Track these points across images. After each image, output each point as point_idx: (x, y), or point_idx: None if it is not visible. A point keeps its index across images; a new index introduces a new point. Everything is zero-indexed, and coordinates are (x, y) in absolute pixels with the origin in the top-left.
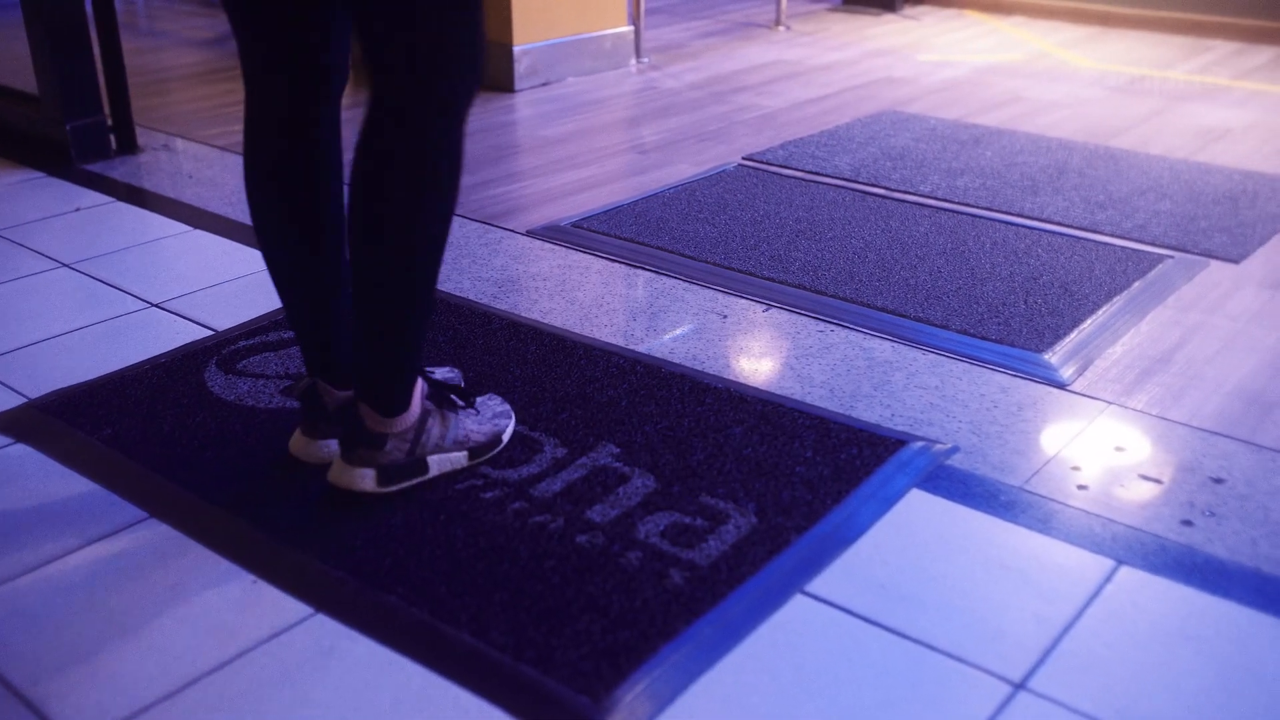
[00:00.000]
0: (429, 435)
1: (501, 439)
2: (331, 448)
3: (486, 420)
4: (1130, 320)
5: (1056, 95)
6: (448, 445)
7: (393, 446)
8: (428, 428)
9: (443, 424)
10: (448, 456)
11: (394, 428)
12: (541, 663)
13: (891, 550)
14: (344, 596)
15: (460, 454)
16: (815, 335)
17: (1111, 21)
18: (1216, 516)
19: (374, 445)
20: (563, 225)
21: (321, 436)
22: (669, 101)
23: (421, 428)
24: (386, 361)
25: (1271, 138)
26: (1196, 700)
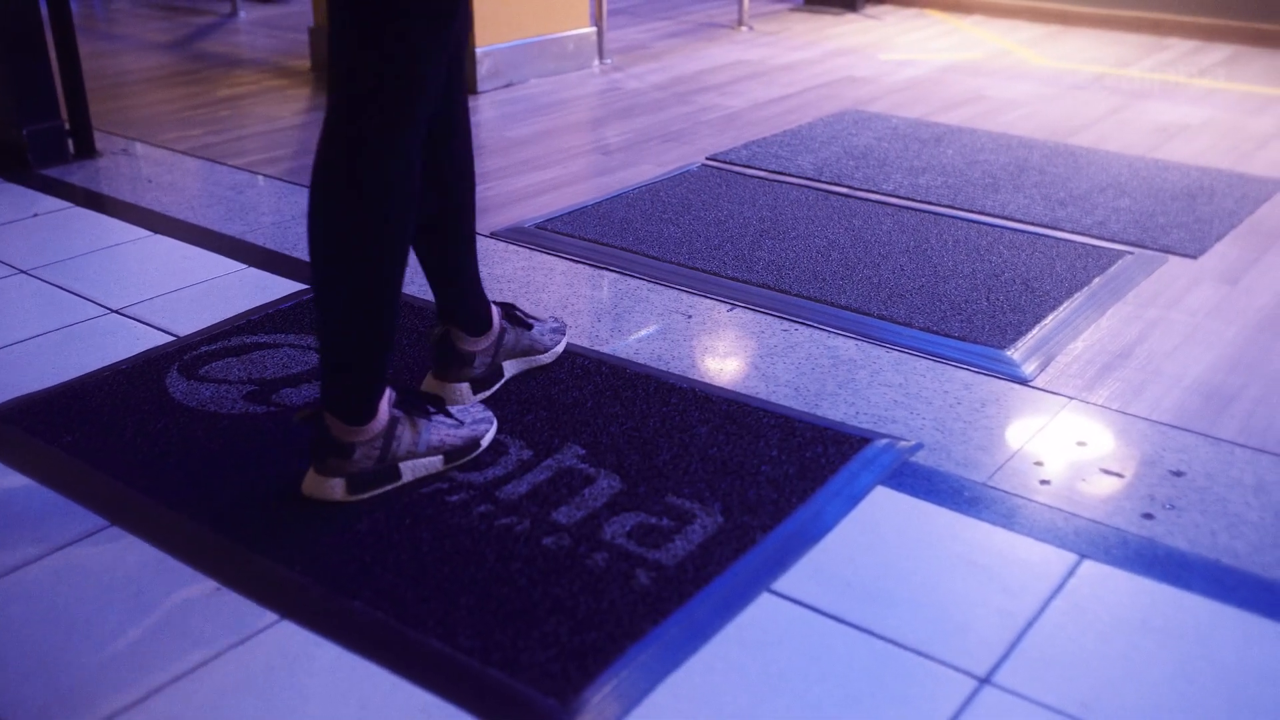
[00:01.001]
0: (399, 442)
1: (480, 443)
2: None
3: (465, 425)
4: (1091, 316)
5: (1016, 93)
6: (421, 450)
7: (361, 455)
8: (397, 434)
9: (413, 429)
10: (421, 462)
11: (361, 436)
12: (509, 665)
13: (857, 548)
14: (309, 602)
15: (435, 459)
16: (779, 334)
17: (1070, 20)
18: (1177, 509)
19: (342, 454)
20: (526, 227)
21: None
22: (632, 102)
23: (390, 434)
24: (344, 372)
25: (1228, 134)
26: (1159, 691)
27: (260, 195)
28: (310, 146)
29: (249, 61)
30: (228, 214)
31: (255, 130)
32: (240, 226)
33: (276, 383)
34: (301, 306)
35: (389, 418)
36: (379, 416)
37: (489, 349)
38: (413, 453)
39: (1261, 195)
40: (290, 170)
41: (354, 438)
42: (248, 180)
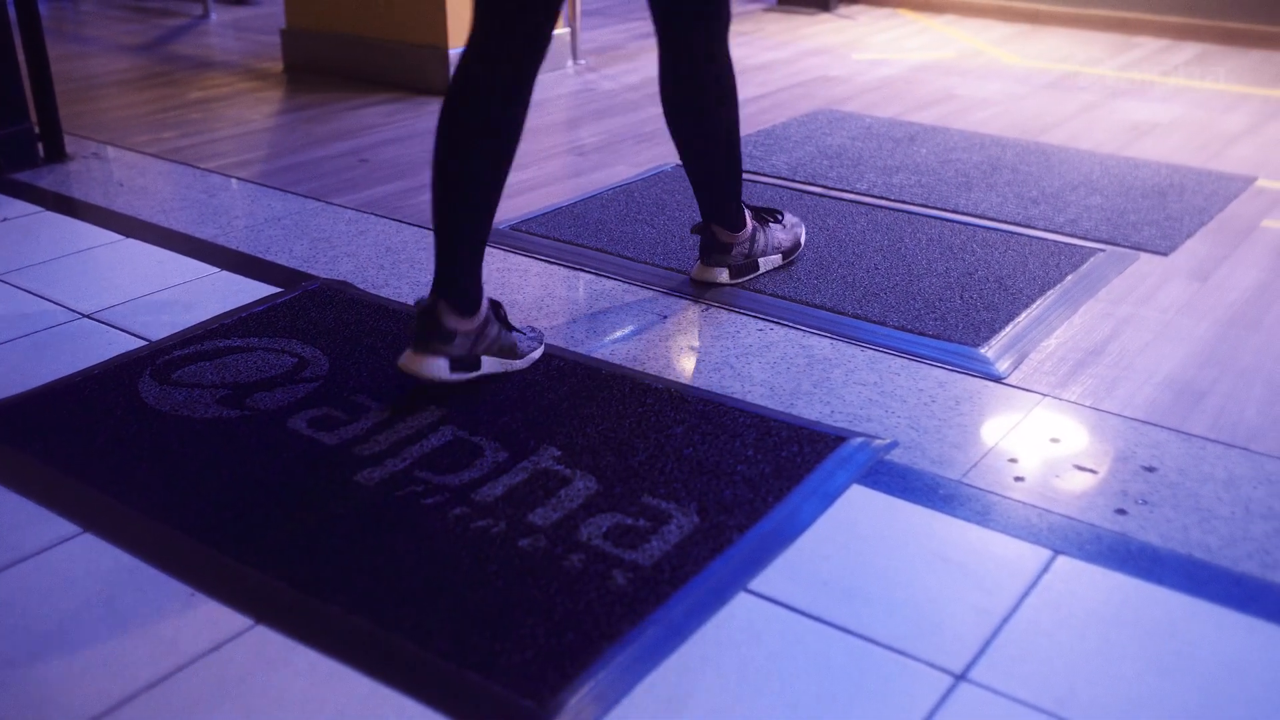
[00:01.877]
0: (487, 339)
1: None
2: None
3: (527, 337)
4: (1064, 313)
5: (988, 92)
6: (769, 250)
7: (460, 342)
8: (487, 332)
9: (765, 237)
10: (496, 359)
11: (464, 326)
12: (486, 668)
13: (833, 546)
14: (284, 607)
15: (778, 257)
16: (754, 334)
17: (1040, 19)
18: (1149, 504)
19: (446, 340)
20: (501, 228)
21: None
22: (606, 103)
23: (483, 331)
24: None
25: (1198, 132)
26: (1132, 685)
27: (233, 198)
28: (282, 150)
29: (220, 64)
30: (200, 217)
31: (227, 133)
32: (213, 230)
33: (250, 386)
34: (275, 310)
35: (484, 317)
36: (479, 313)
37: (471, 333)
38: (765, 251)
39: (1231, 192)
40: (263, 173)
41: (459, 327)
42: (220, 183)
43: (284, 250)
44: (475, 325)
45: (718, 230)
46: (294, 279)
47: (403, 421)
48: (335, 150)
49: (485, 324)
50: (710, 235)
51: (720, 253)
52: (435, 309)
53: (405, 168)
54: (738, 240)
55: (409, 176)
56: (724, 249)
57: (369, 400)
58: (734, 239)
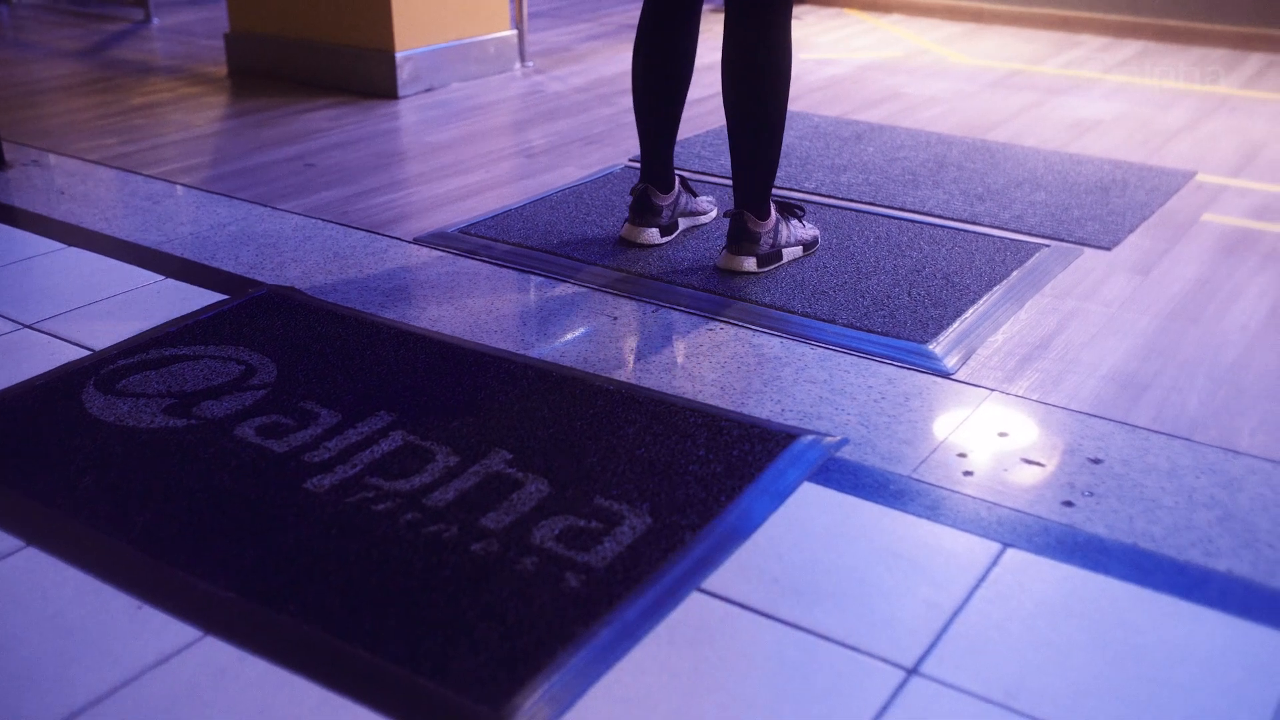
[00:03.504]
0: (781, 234)
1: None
2: (652, 234)
3: (808, 228)
4: (1010, 309)
5: (935, 91)
6: (792, 242)
7: (763, 241)
8: (779, 229)
9: (787, 227)
10: (793, 249)
11: (763, 227)
12: (439, 673)
13: (785, 544)
14: (234, 617)
15: (798, 249)
16: (704, 334)
17: (985, 18)
18: (1095, 496)
19: (753, 240)
20: (450, 232)
21: (646, 225)
22: (554, 105)
23: (777, 228)
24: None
25: (1139, 128)
26: (1080, 675)
27: (177, 205)
28: (227, 155)
29: (163, 69)
30: (144, 224)
31: (171, 139)
32: (157, 237)
33: (197, 395)
34: (221, 317)
35: (776, 217)
36: (772, 215)
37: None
38: (788, 243)
39: (1171, 187)
40: (208, 179)
41: (759, 228)
42: (164, 190)
43: (230, 257)
44: (672, 199)
45: (749, 218)
46: (240, 286)
47: (352, 428)
48: (281, 155)
49: (678, 196)
50: (741, 222)
51: (750, 241)
52: (646, 191)
53: (352, 172)
54: (764, 229)
55: (356, 181)
56: (753, 238)
57: (318, 407)
58: (762, 227)
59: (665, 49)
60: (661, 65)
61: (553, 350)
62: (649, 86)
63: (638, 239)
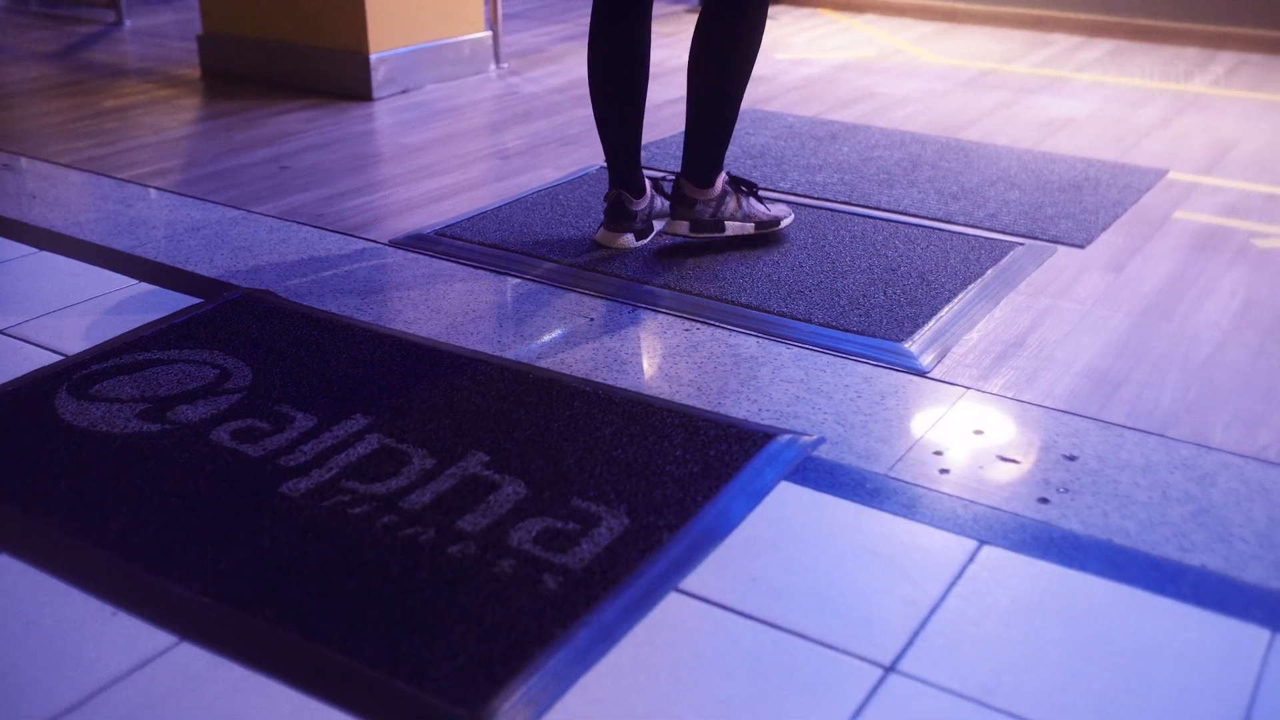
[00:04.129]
0: (726, 206)
1: (780, 223)
2: (628, 239)
3: (771, 208)
4: (985, 307)
5: (908, 90)
6: (739, 217)
7: (700, 208)
8: (725, 202)
9: (736, 202)
10: (738, 224)
11: (703, 196)
12: (417, 677)
13: (763, 543)
14: (210, 622)
15: (749, 225)
16: (681, 334)
17: (958, 18)
18: (1071, 492)
19: (689, 206)
20: (426, 234)
21: (622, 231)
22: (530, 106)
23: (721, 200)
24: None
25: (1112, 126)
26: (1057, 671)
27: (151, 208)
28: (200, 158)
29: (136, 71)
30: (117, 228)
31: (144, 142)
32: (130, 241)
33: (171, 399)
34: (195, 321)
35: (721, 189)
36: (716, 187)
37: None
38: (734, 217)
39: (1144, 185)
40: (181, 182)
41: (699, 196)
42: (137, 193)
43: (204, 260)
44: (645, 202)
45: (684, 184)
46: (215, 289)
47: (328, 431)
48: (255, 158)
49: (651, 199)
50: (678, 189)
51: (685, 206)
52: (619, 197)
53: (327, 174)
54: (702, 197)
55: (331, 183)
56: (689, 203)
57: (293, 410)
58: (698, 195)
59: (620, 49)
60: (618, 66)
61: (529, 352)
62: (608, 91)
63: (613, 244)
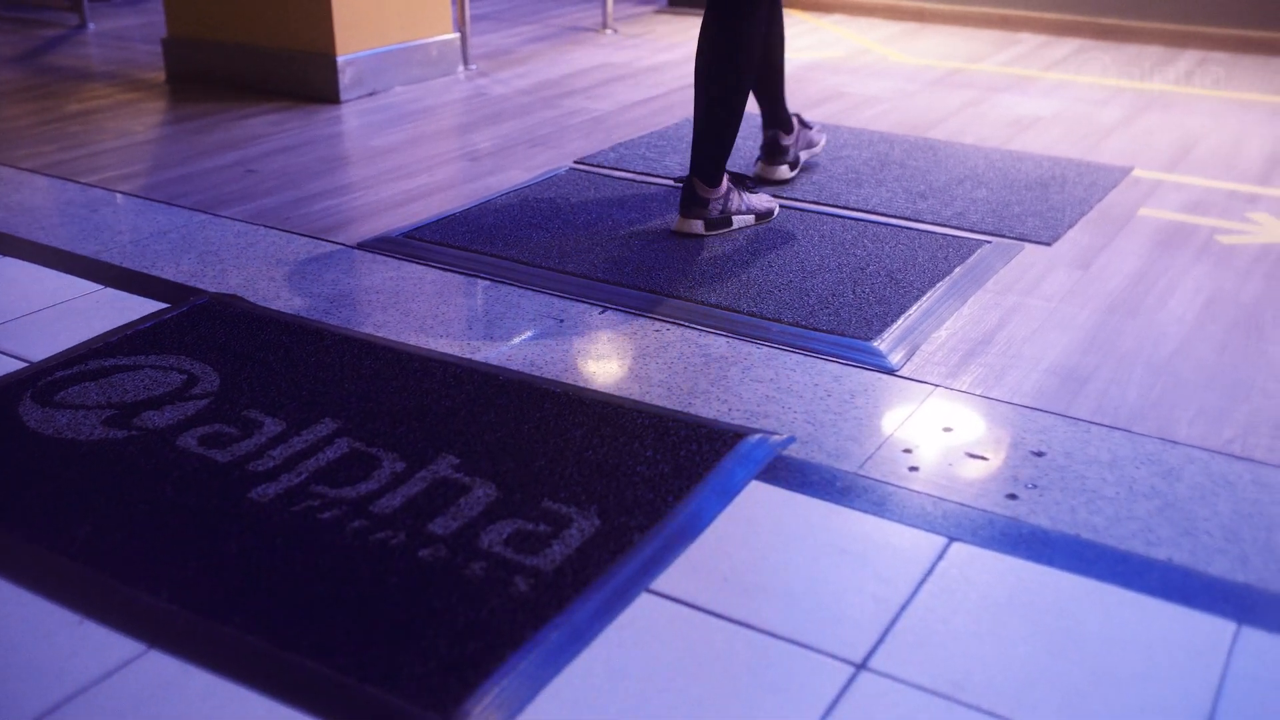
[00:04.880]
0: (731, 202)
1: (774, 212)
2: (696, 226)
3: (764, 200)
4: (953, 304)
5: (876, 90)
6: (743, 210)
7: (712, 206)
8: (730, 198)
9: (739, 196)
10: (743, 217)
11: (713, 194)
12: (388, 681)
13: (734, 543)
14: (178, 630)
15: (749, 217)
16: (651, 335)
17: (926, 17)
18: (1039, 488)
19: (701, 205)
20: (394, 236)
21: (691, 218)
22: (498, 108)
23: (727, 197)
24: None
25: (1077, 125)
26: (1026, 666)
27: (116, 213)
28: (166, 162)
29: (100, 75)
30: (82, 233)
31: (109, 146)
32: (95, 246)
33: (138, 405)
34: (162, 326)
35: (728, 187)
36: (723, 185)
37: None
38: (739, 210)
39: (1110, 183)
40: (147, 186)
41: (708, 194)
42: (103, 198)
43: (171, 265)
44: (721, 193)
45: (696, 184)
46: (182, 294)
47: (297, 435)
48: (222, 161)
49: (728, 192)
50: (691, 188)
51: (698, 205)
52: (691, 182)
53: (294, 177)
54: (712, 195)
55: (298, 186)
56: (702, 203)
57: (262, 415)
58: (709, 194)
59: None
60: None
61: (499, 354)
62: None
63: (681, 229)
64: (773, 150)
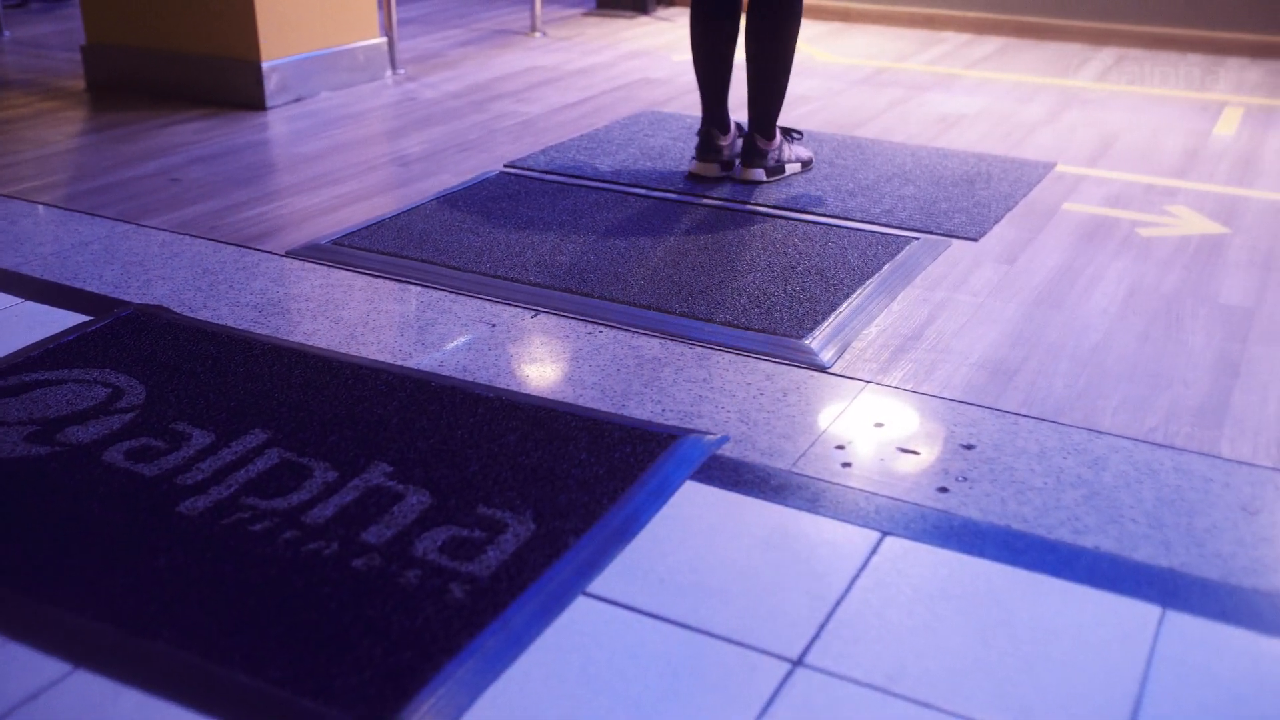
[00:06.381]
0: (783, 153)
1: (812, 161)
2: (714, 169)
3: (808, 148)
4: (883, 301)
5: (805, 89)
6: (793, 159)
7: (770, 156)
8: (782, 149)
9: (789, 147)
10: (793, 164)
11: (770, 146)
12: (322, 693)
13: (669, 543)
14: (105, 648)
15: (797, 164)
16: (584, 337)
17: (851, 17)
18: (969, 481)
19: (762, 155)
20: (323, 244)
21: (710, 161)
22: (427, 112)
23: (780, 148)
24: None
25: (1001, 122)
26: (959, 657)
27: (36, 224)
28: (87, 172)
29: (17, 83)
30: (0, 245)
31: (27, 155)
32: (14, 258)
33: (61, 421)
34: (85, 339)
35: (780, 140)
36: (777, 138)
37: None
38: (790, 160)
39: (1034, 178)
40: (68, 196)
41: (767, 147)
42: (22, 209)
43: (94, 276)
44: (776, 144)
45: (756, 138)
46: (106, 306)
47: (227, 447)
48: (145, 170)
49: (781, 143)
50: (751, 142)
51: (759, 156)
52: (709, 132)
53: (220, 186)
54: (770, 147)
55: (224, 194)
56: (761, 154)
57: (190, 428)
58: (767, 146)
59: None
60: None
61: (431, 360)
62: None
63: (704, 173)
64: (707, 146)
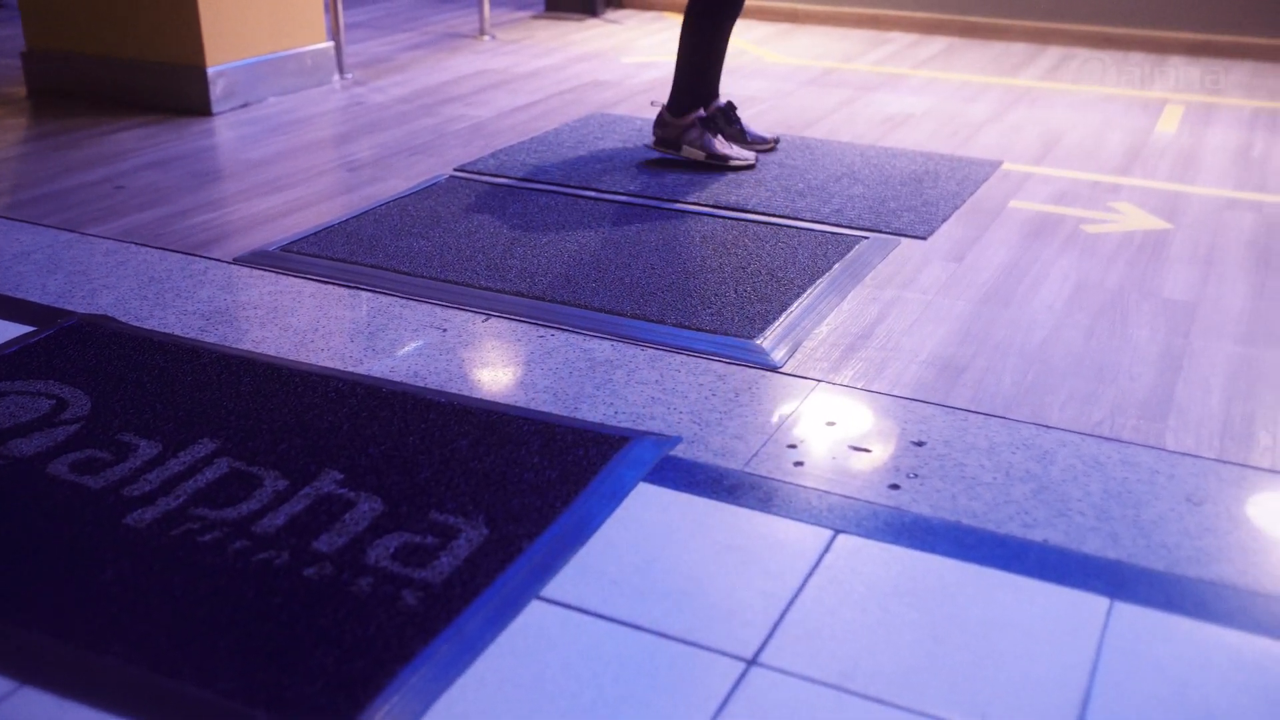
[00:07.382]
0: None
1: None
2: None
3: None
4: (833, 300)
5: (754, 90)
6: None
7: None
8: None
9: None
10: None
11: (673, 121)
12: (274, 704)
13: (623, 546)
14: (52, 664)
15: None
16: (536, 341)
17: (799, 18)
18: (920, 477)
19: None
20: (271, 250)
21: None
22: (376, 116)
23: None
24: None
25: (948, 121)
26: (911, 653)
27: None
28: (29, 180)
29: None
30: None
31: None
32: None
33: (3, 434)
34: (28, 350)
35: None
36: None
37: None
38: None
39: (980, 176)
40: (9, 205)
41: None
42: None
43: (36, 286)
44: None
45: (663, 110)
46: (49, 316)
47: (174, 457)
48: (89, 178)
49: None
50: (660, 114)
51: (659, 126)
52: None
53: (166, 193)
54: (672, 122)
55: (170, 202)
56: (661, 123)
57: (136, 438)
58: (670, 120)
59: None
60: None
61: (382, 366)
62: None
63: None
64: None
